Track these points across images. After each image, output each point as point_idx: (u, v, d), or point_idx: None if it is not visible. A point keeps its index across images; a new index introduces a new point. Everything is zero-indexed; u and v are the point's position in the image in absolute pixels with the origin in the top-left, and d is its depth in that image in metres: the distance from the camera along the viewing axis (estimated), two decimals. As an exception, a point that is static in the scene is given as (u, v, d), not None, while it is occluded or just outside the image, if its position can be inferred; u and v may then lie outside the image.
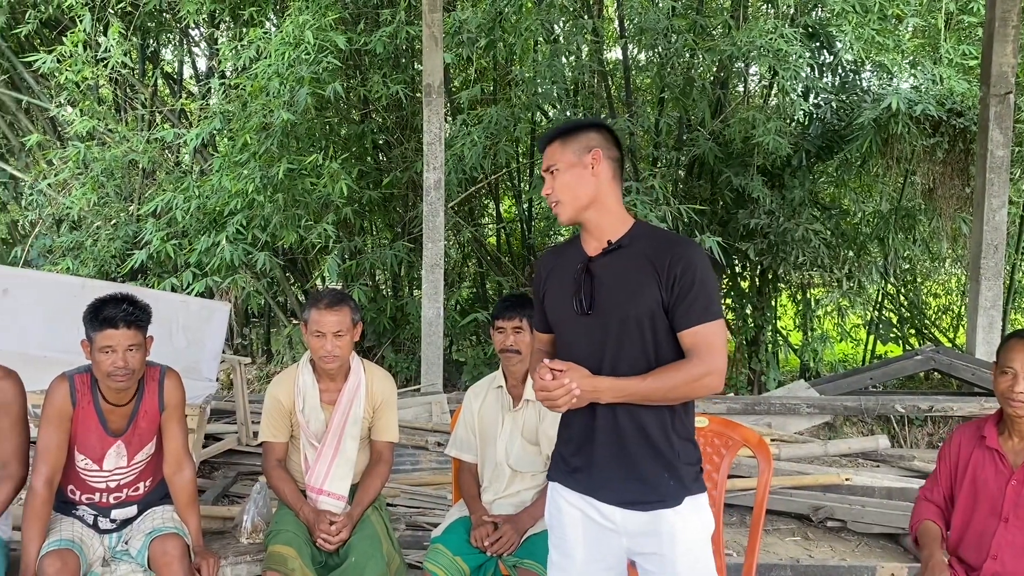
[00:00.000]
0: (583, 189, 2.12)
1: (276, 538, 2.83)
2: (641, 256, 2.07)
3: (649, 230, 2.18)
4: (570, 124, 2.20)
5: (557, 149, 2.15)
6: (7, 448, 2.72)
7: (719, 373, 2.01)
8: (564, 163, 2.12)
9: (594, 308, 2.09)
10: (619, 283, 2.08)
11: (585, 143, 2.12)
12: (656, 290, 2.03)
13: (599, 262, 2.13)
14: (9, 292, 4.49)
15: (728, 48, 6.72)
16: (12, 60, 8.22)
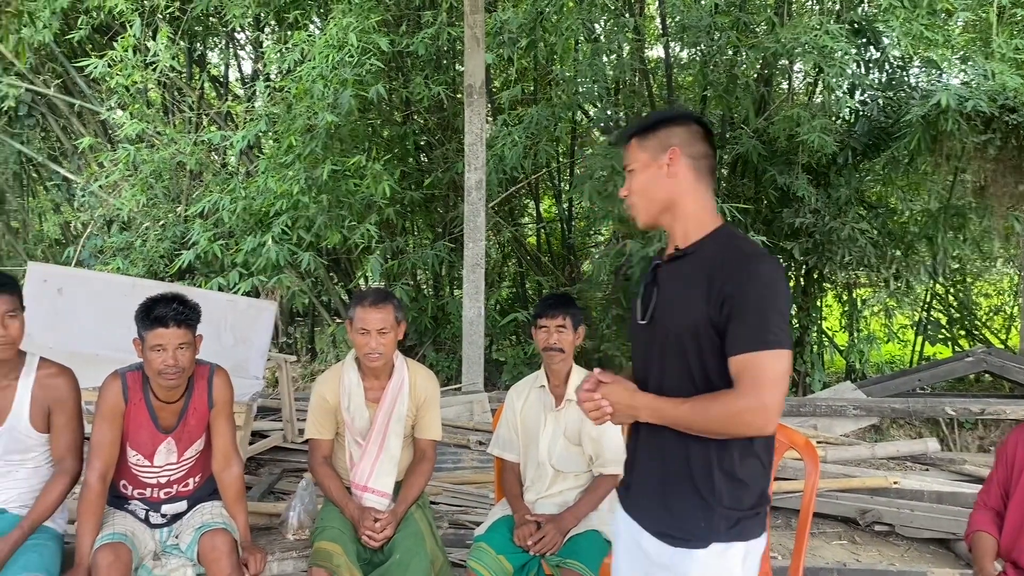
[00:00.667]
0: (658, 192, 1.95)
1: (322, 535, 2.86)
2: (700, 266, 1.87)
3: (725, 239, 1.92)
4: (650, 119, 2.01)
5: (634, 147, 1.99)
6: (62, 443, 2.78)
7: (765, 411, 1.74)
8: (639, 163, 1.97)
9: (651, 318, 1.95)
10: (674, 293, 1.91)
11: (663, 141, 1.93)
12: (704, 305, 1.82)
13: (665, 269, 1.98)
14: (63, 291, 4.61)
15: (772, 45, 6.64)
16: (65, 65, 8.44)
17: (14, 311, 2.64)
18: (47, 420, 2.76)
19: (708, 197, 1.96)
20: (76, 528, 2.70)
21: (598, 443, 3.00)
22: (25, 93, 8.37)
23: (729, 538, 1.83)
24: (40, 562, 2.59)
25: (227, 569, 2.66)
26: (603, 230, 8.73)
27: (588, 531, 2.92)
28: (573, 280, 8.53)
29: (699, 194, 1.94)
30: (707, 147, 1.95)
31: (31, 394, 2.72)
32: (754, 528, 1.86)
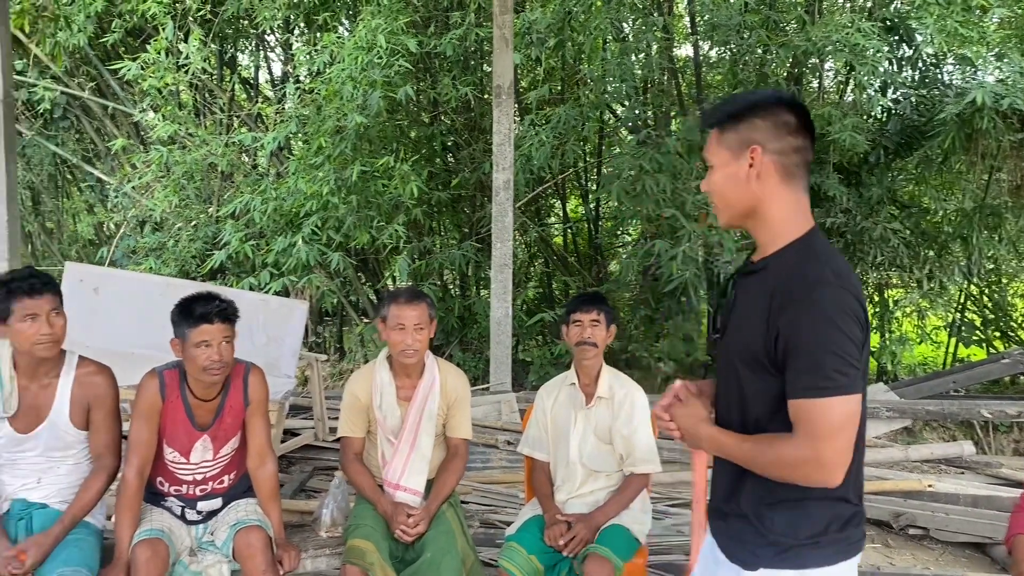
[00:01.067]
0: (738, 197, 1.70)
1: (355, 532, 2.88)
2: (765, 288, 1.65)
3: (797, 255, 1.66)
4: (733, 105, 1.72)
5: (713, 141, 1.73)
6: (101, 441, 2.82)
7: (820, 466, 1.56)
8: (718, 161, 1.72)
9: (721, 334, 1.80)
10: (740, 313, 1.74)
11: (745, 136, 1.66)
12: (760, 336, 1.63)
13: (741, 280, 1.78)
14: (99, 291, 4.68)
15: (802, 43, 6.59)
16: (99, 68, 8.57)
17: (58, 309, 2.69)
18: (86, 417, 2.80)
19: (797, 199, 1.69)
20: (114, 524, 2.74)
21: (629, 442, 3.00)
22: (60, 96, 8.52)
23: (781, 564, 1.69)
24: (80, 557, 2.63)
25: (262, 566, 2.69)
26: (631, 230, 8.70)
27: (615, 525, 2.91)
28: (600, 280, 8.51)
29: (786, 197, 1.68)
30: (799, 139, 1.67)
31: (71, 392, 2.76)
32: (815, 558, 1.68)
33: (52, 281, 2.71)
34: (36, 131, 8.77)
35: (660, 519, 4.13)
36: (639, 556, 2.97)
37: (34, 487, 2.78)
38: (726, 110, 1.72)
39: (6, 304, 2.61)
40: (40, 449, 2.77)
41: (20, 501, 2.76)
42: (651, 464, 3.02)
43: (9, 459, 2.78)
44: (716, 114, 1.74)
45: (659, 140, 6.73)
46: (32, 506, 2.76)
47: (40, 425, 2.74)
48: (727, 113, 1.70)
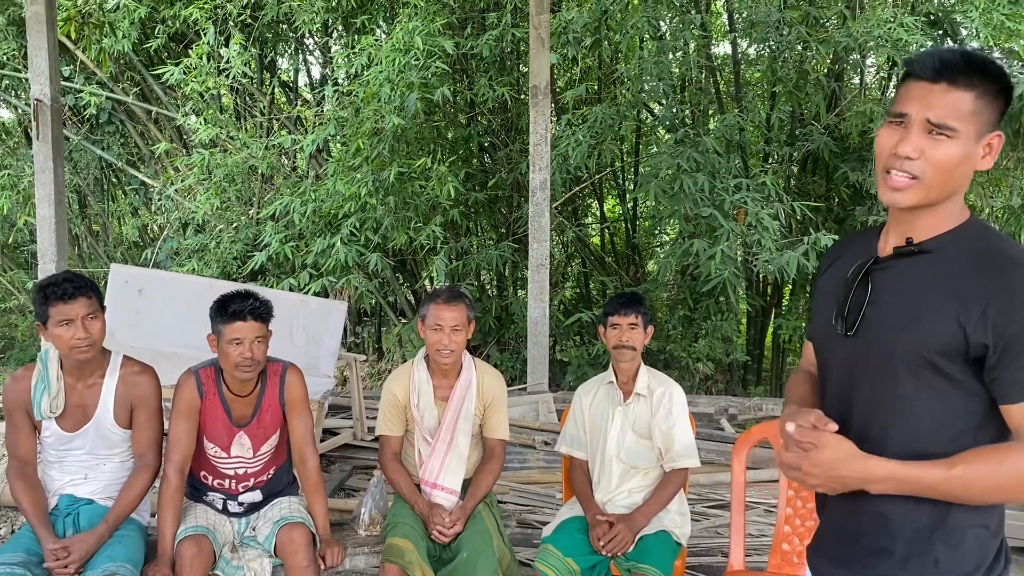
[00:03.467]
0: (960, 178, 1.44)
1: (394, 531, 2.90)
2: (947, 271, 1.42)
3: (979, 235, 1.46)
4: (1000, 70, 1.40)
5: (967, 105, 1.38)
6: (144, 439, 2.88)
7: None
8: (966, 134, 1.39)
9: (859, 329, 1.50)
10: (900, 301, 1.46)
11: (995, 115, 1.41)
12: (954, 327, 1.38)
13: (886, 266, 1.51)
14: (144, 292, 4.77)
15: (843, 39, 6.48)
16: (143, 73, 8.74)
17: (94, 313, 2.72)
18: (130, 417, 2.86)
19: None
20: (157, 520, 2.79)
21: (668, 436, 2.98)
22: (106, 101, 8.70)
23: None
24: (125, 553, 2.68)
25: (304, 562, 2.72)
26: (668, 229, 8.64)
27: (659, 532, 2.89)
28: (638, 280, 8.47)
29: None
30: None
31: (115, 391, 2.82)
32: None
33: (88, 284, 2.73)
34: (83, 136, 8.96)
35: (698, 521, 4.10)
36: (679, 559, 2.95)
37: (81, 483, 2.85)
38: (998, 71, 1.39)
39: (44, 308, 2.66)
40: (87, 447, 2.83)
41: (68, 497, 2.83)
42: (690, 459, 3.00)
43: (57, 456, 2.85)
44: (982, 72, 1.39)
45: (697, 139, 6.68)
46: (79, 502, 2.83)
47: (86, 424, 2.81)
48: (1002, 77, 1.40)
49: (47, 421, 2.78)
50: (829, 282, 1.65)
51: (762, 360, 8.52)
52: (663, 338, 7.32)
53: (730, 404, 6.09)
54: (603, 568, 2.85)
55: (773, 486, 4.51)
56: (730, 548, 2.88)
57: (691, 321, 7.49)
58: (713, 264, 5.93)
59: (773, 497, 4.36)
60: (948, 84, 1.38)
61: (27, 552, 2.63)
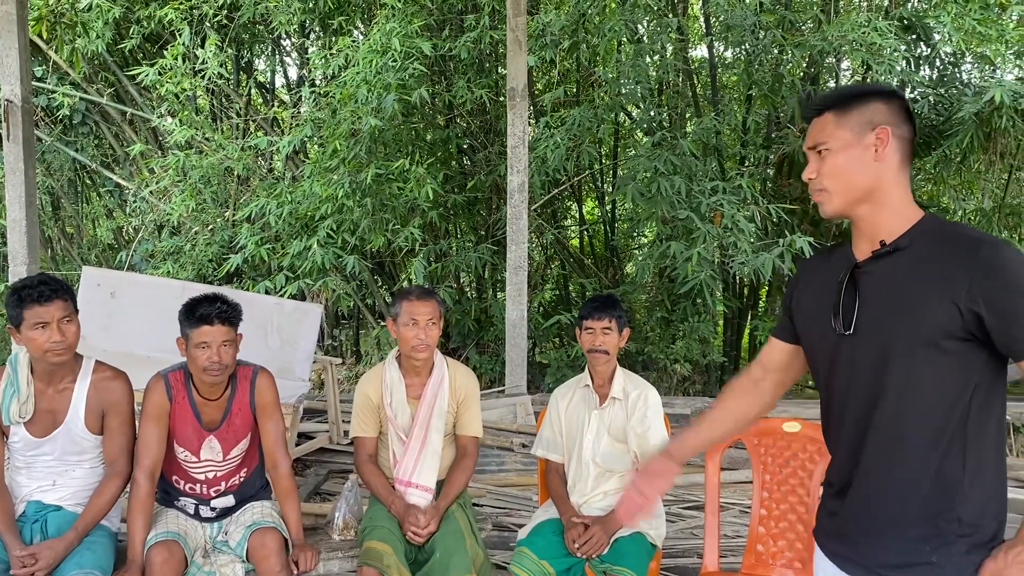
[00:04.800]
0: (860, 177, 1.67)
1: (371, 534, 2.88)
2: (923, 261, 1.62)
3: (938, 227, 1.67)
4: (850, 90, 1.74)
5: (829, 123, 1.69)
6: (115, 446, 2.84)
7: None
8: (837, 142, 1.67)
9: (856, 327, 1.68)
10: (889, 296, 1.65)
11: (869, 117, 1.66)
12: (949, 306, 1.56)
13: (867, 269, 1.70)
14: (116, 295, 4.72)
15: (819, 43, 6.54)
16: (117, 74, 8.65)
17: (69, 316, 2.69)
18: (101, 422, 2.83)
19: (909, 185, 1.71)
20: (127, 526, 2.76)
21: (643, 440, 2.99)
22: (79, 102, 8.60)
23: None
24: (94, 560, 2.65)
25: (276, 567, 2.70)
26: (647, 232, 8.68)
27: (634, 534, 2.90)
28: (617, 282, 8.49)
29: (904, 181, 1.69)
30: (911, 129, 1.70)
31: (87, 397, 2.78)
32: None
33: (64, 288, 2.71)
34: (55, 137, 8.86)
35: (673, 522, 4.11)
36: (653, 560, 2.96)
37: (49, 489, 2.81)
38: (845, 93, 1.72)
39: (18, 311, 2.63)
40: (56, 453, 2.79)
41: (35, 503, 2.79)
42: (665, 464, 3.00)
43: (25, 462, 2.81)
44: (833, 98, 1.72)
45: (674, 142, 6.71)
46: (47, 508, 2.79)
47: (56, 429, 2.77)
48: (848, 95, 1.71)
49: (15, 426, 2.74)
50: (810, 292, 1.85)
51: (739, 361, 8.57)
52: (641, 340, 7.34)
53: (707, 405, 6.11)
54: (578, 570, 2.85)
55: (747, 487, 4.53)
56: (704, 549, 2.90)
57: (669, 323, 7.52)
58: (690, 266, 5.96)
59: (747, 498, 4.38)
60: (814, 117, 1.74)
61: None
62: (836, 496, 1.78)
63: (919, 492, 1.63)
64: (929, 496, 1.62)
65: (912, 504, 1.63)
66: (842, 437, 1.76)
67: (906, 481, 1.64)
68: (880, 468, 1.67)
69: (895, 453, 1.64)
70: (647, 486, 1.98)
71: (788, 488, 2.89)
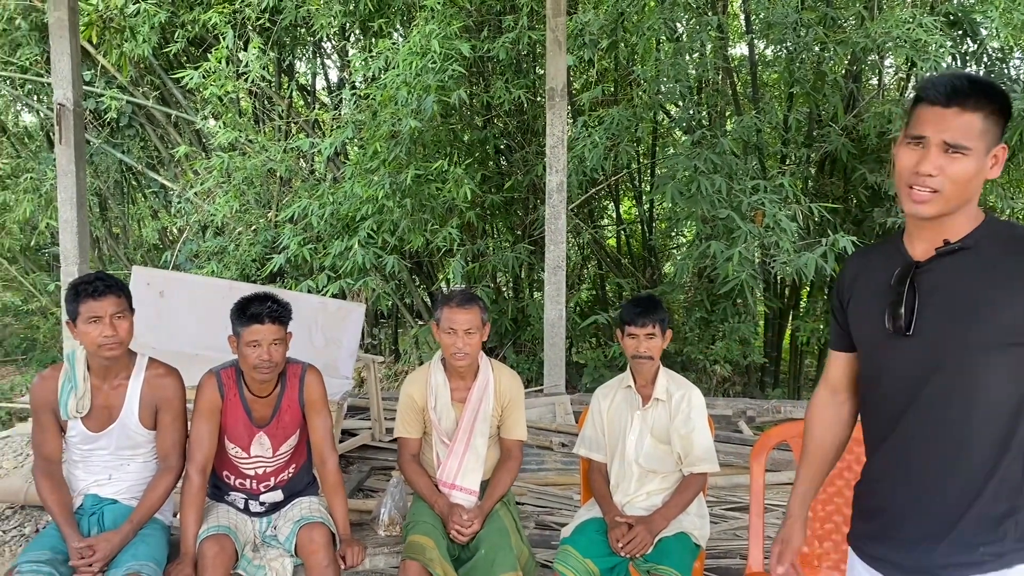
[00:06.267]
0: (974, 187, 1.61)
1: (415, 528, 2.92)
2: (994, 262, 1.58)
3: (1006, 228, 1.65)
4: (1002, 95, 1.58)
5: (977, 125, 1.55)
6: (168, 441, 2.91)
7: None
8: (978, 151, 1.56)
9: (916, 328, 1.63)
10: (956, 298, 1.60)
11: (999, 131, 1.59)
12: (1022, 309, 1.54)
13: (928, 268, 1.64)
14: (165, 294, 4.82)
15: (861, 40, 6.46)
16: (163, 77, 8.82)
17: (122, 312, 2.75)
18: (154, 418, 2.90)
19: None
20: (180, 520, 2.83)
21: (687, 441, 2.98)
22: (126, 105, 8.78)
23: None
24: (148, 552, 2.72)
25: (324, 561, 2.75)
26: (685, 231, 8.63)
27: (678, 534, 2.90)
28: (654, 282, 8.46)
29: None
30: None
31: (140, 393, 2.85)
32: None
33: (118, 284, 2.78)
34: (103, 139, 9.05)
35: (716, 523, 4.09)
36: (697, 560, 2.96)
37: (105, 483, 2.88)
38: (1004, 96, 1.58)
39: (74, 306, 2.71)
40: (111, 448, 2.87)
41: (92, 496, 2.86)
42: (710, 464, 3.00)
43: (82, 456, 2.88)
44: (991, 97, 1.56)
45: (714, 140, 6.67)
46: (103, 501, 2.86)
47: (111, 424, 2.84)
48: (1005, 101, 1.58)
49: (73, 421, 2.82)
50: (862, 291, 1.78)
51: (780, 362, 8.49)
52: (680, 340, 7.31)
53: (748, 406, 6.07)
54: (622, 570, 2.85)
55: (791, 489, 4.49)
56: (748, 550, 2.88)
57: (708, 323, 7.48)
58: (730, 266, 5.92)
59: (791, 499, 4.34)
60: (959, 108, 1.55)
61: (52, 550, 2.66)
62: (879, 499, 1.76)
63: (980, 496, 1.60)
64: (990, 499, 1.59)
65: (972, 508, 1.60)
66: (889, 439, 1.72)
67: (965, 485, 1.60)
68: (936, 472, 1.64)
69: (954, 457, 1.61)
70: (788, 553, 2.01)
71: (834, 490, 2.86)
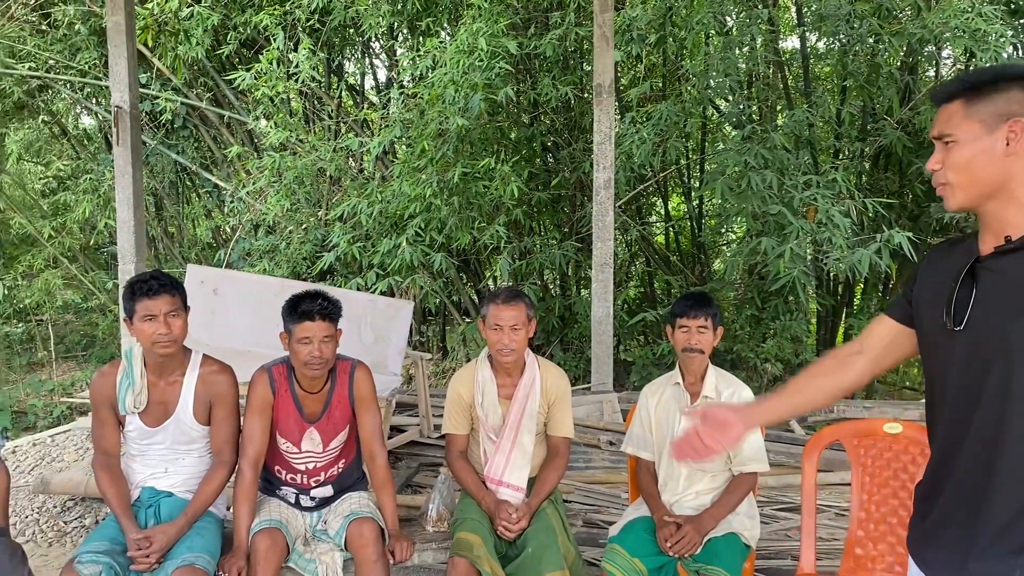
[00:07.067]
0: (987, 172, 1.57)
1: (463, 525, 2.94)
2: None
3: None
4: (983, 75, 1.59)
5: (957, 112, 1.58)
6: (221, 436, 2.97)
7: None
8: (965, 134, 1.57)
9: (967, 323, 1.59)
10: (1013, 295, 1.55)
11: (1003, 107, 1.54)
12: None
13: (988, 264, 1.60)
14: (218, 292, 4.92)
15: (918, 31, 6.28)
16: (216, 78, 8.99)
17: (176, 311, 2.82)
18: (208, 413, 2.96)
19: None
20: (233, 513, 2.89)
21: (737, 440, 2.94)
22: (180, 106, 8.98)
23: None
24: (203, 544, 2.78)
25: (373, 556, 2.78)
26: (735, 228, 8.52)
27: (727, 534, 2.86)
28: (704, 279, 8.36)
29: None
30: None
31: (195, 389, 2.92)
32: None
33: (173, 283, 2.84)
34: (159, 140, 9.26)
35: (767, 523, 4.04)
36: (747, 561, 2.92)
37: (162, 476, 2.96)
38: (977, 79, 1.58)
39: (131, 304, 2.79)
40: (167, 442, 2.94)
41: (149, 489, 2.94)
42: (759, 463, 2.96)
43: (139, 450, 2.96)
44: (962, 84, 1.60)
45: (765, 135, 6.56)
46: (160, 494, 2.93)
47: (167, 420, 2.91)
48: (979, 81, 1.57)
49: (131, 416, 2.90)
50: (930, 282, 1.74)
51: (833, 360, 8.31)
52: (730, 338, 7.21)
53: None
54: (670, 569, 2.83)
55: (843, 489, 4.41)
56: (801, 551, 2.84)
57: (759, 321, 7.37)
58: (782, 263, 5.82)
59: (843, 501, 4.27)
60: (944, 102, 1.62)
61: (111, 541, 2.75)
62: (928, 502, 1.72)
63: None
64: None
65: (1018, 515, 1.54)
66: (941, 438, 1.69)
67: (1014, 487, 1.55)
68: (981, 473, 1.58)
69: (1000, 458, 1.55)
70: (708, 438, 1.84)
71: (889, 491, 2.80)
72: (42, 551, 4.32)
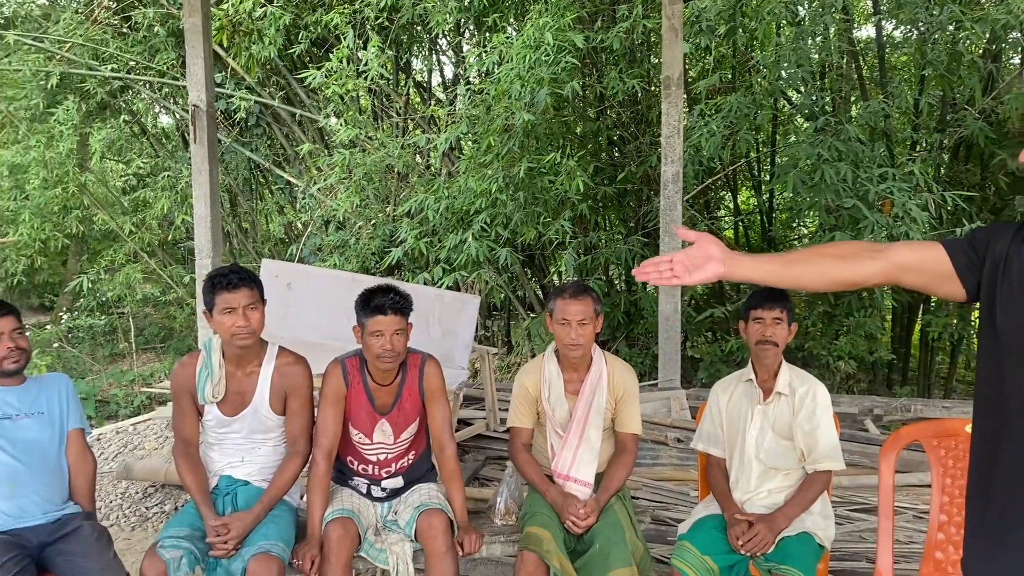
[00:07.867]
0: None
1: (532, 520, 2.94)
2: None
3: None
4: None
5: None
6: (296, 426, 3.04)
7: None
8: None
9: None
10: None
11: None
12: None
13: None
14: (292, 286, 5.03)
15: (1002, 17, 6.05)
16: (288, 77, 9.19)
17: (255, 304, 2.90)
18: (284, 404, 3.03)
19: None
20: (307, 503, 2.95)
21: (811, 437, 2.88)
22: (254, 105, 9.19)
23: None
24: (278, 532, 2.85)
25: (442, 547, 2.81)
26: (808, 222, 8.33)
27: (800, 533, 2.81)
28: (774, 275, 8.18)
29: None
30: None
31: (271, 380, 2.99)
32: None
33: (251, 277, 2.92)
34: (233, 138, 9.51)
35: (841, 524, 3.94)
36: (821, 562, 2.86)
37: (238, 465, 3.04)
38: None
39: (211, 297, 2.87)
40: (244, 432, 3.02)
41: (227, 477, 3.02)
42: (834, 461, 2.90)
43: (217, 439, 3.05)
44: None
45: (838, 127, 6.40)
46: (237, 483, 3.01)
47: (244, 409, 2.99)
48: None
49: (209, 406, 2.99)
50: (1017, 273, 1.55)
51: (908, 359, 8.08)
52: (802, 335, 7.06)
53: (874, 404, 5.82)
54: (742, 568, 2.79)
55: (921, 491, 4.29)
56: (877, 554, 2.76)
57: (832, 318, 7.19)
58: (856, 258, 5.67)
59: (922, 503, 4.14)
60: None
61: (191, 527, 2.84)
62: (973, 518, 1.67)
63: None
64: None
65: None
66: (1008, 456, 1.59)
67: None
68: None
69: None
70: (679, 266, 1.73)
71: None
72: (125, 535, 4.49)
